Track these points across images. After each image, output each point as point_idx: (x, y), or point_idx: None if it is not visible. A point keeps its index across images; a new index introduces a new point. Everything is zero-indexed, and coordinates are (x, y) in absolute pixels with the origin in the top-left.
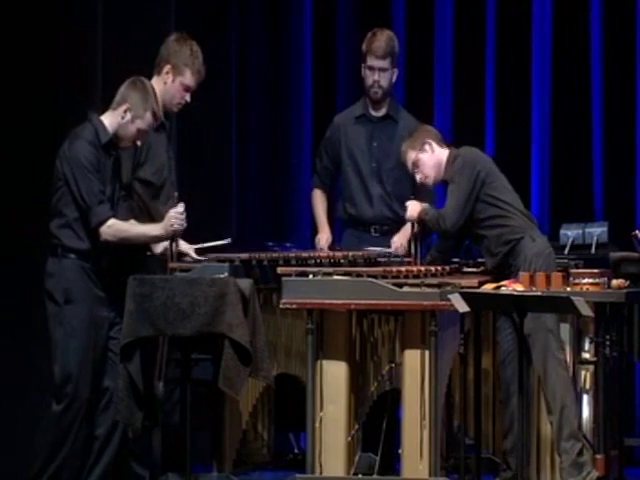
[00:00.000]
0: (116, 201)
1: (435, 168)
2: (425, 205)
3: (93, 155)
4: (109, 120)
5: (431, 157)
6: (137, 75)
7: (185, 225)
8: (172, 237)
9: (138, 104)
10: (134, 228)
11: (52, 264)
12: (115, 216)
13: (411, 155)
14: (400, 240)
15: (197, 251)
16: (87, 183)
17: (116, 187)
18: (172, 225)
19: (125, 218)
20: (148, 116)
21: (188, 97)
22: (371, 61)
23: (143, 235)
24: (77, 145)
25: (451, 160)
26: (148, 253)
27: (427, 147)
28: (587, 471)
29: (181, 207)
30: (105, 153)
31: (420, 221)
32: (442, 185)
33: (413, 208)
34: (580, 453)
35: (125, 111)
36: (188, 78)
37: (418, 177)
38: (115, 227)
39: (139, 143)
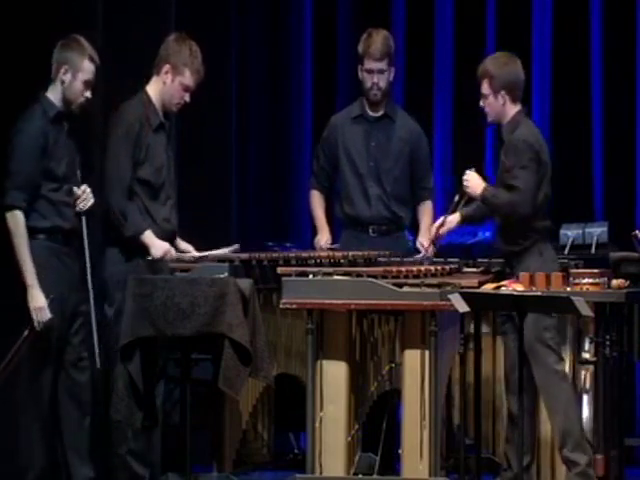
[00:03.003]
0: (79, 175)
1: (496, 114)
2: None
3: (32, 138)
4: (53, 93)
5: (497, 105)
6: (136, 76)
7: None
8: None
9: (73, 59)
10: (24, 256)
11: None
12: (71, 191)
13: (485, 87)
14: (425, 240)
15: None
16: (17, 165)
17: (75, 159)
18: (35, 315)
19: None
20: (87, 64)
21: (187, 97)
22: (369, 64)
23: (22, 267)
24: (21, 127)
25: (513, 123)
26: (149, 258)
27: (500, 97)
28: None
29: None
30: (56, 125)
31: (483, 200)
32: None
33: (476, 183)
34: (589, 464)
35: (64, 73)
36: (187, 78)
37: (481, 103)
38: (17, 226)
39: (89, 95)
